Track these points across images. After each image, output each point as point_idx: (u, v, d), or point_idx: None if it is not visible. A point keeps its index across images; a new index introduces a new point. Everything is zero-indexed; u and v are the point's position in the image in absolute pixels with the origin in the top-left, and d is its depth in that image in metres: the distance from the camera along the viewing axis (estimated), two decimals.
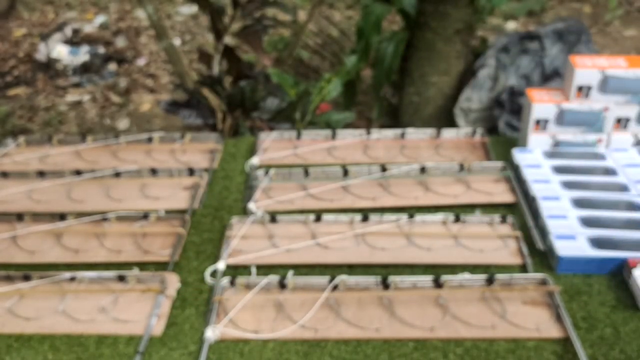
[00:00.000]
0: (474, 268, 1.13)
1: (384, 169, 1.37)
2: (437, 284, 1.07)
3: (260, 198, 1.33)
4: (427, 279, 1.07)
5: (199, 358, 0.97)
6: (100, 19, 3.04)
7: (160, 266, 1.16)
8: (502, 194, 1.32)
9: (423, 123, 2.27)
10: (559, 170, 1.33)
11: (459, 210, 1.26)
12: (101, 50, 2.82)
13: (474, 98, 2.12)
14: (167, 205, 1.32)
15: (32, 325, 1.05)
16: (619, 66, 1.32)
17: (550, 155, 1.38)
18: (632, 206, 1.21)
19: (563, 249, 1.11)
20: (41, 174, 1.42)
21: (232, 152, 1.53)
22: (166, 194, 1.37)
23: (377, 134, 1.53)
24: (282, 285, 1.09)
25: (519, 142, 1.47)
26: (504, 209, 1.28)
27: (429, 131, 1.53)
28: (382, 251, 1.17)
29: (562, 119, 1.37)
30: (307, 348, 0.99)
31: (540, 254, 1.15)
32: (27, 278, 1.12)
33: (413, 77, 2.26)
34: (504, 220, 1.23)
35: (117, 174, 1.42)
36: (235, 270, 1.14)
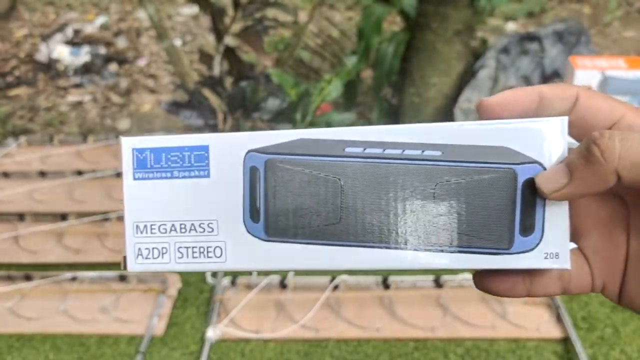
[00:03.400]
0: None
1: None
2: (438, 284, 1.08)
3: None
4: (427, 279, 1.08)
5: (200, 358, 0.97)
6: (101, 19, 3.04)
7: None
8: None
9: None
10: None
11: None
12: (102, 50, 2.82)
13: (474, 99, 2.12)
14: None
15: (34, 325, 1.05)
16: (618, 67, 1.32)
17: None
18: None
19: None
20: (42, 174, 1.43)
21: None
22: None
23: None
24: (282, 285, 1.09)
25: None
26: None
27: None
28: None
29: None
30: (308, 348, 0.99)
31: None
32: (28, 278, 1.12)
33: (413, 77, 2.27)
34: None
35: (119, 174, 1.42)
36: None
